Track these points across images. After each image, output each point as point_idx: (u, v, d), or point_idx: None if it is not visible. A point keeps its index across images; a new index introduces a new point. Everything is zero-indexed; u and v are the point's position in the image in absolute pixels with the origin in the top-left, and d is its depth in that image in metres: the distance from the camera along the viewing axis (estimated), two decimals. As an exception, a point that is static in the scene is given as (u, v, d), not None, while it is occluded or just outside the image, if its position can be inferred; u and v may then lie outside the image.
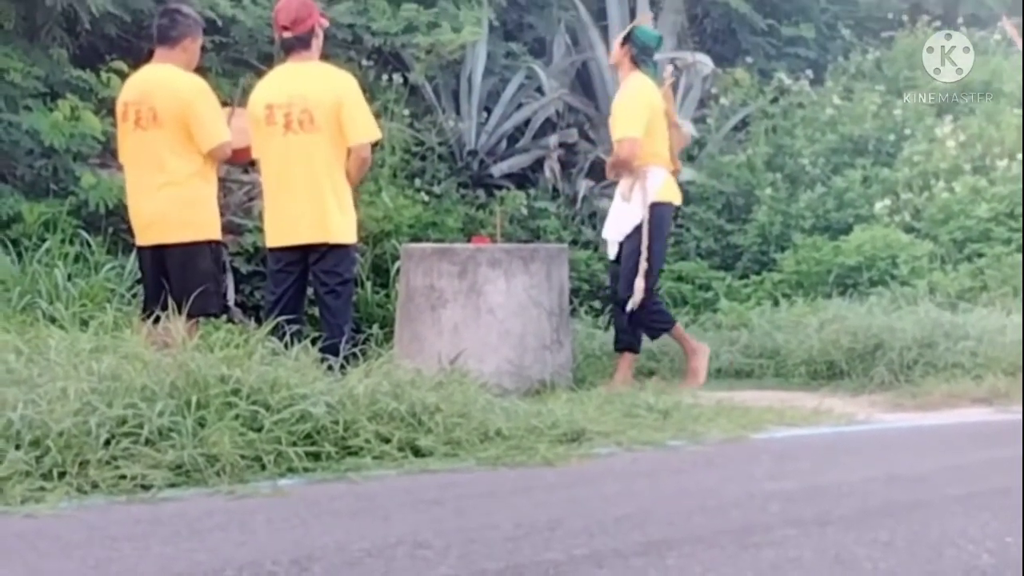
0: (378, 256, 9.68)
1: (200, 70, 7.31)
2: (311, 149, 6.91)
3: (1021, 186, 10.24)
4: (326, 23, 7.29)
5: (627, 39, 8.20)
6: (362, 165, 7.11)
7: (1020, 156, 10.62)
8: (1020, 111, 11.23)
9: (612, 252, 8.29)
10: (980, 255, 10.03)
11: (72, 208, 8.96)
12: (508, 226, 10.35)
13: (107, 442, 5.12)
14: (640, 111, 8.02)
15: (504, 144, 11.71)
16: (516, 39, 12.34)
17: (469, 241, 8.98)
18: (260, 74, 8.12)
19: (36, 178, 9.23)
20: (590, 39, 12.22)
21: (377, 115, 8.27)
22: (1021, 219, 9.96)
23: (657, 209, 8.05)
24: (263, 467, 5.30)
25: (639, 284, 7.93)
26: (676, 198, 8.34)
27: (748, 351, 8.90)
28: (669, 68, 8.54)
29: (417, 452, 5.67)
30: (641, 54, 8.18)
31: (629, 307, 7.97)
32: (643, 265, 7.93)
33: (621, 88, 8.25)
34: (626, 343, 8.20)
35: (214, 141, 6.97)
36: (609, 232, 8.30)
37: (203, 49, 7.35)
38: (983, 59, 12.24)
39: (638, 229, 8.01)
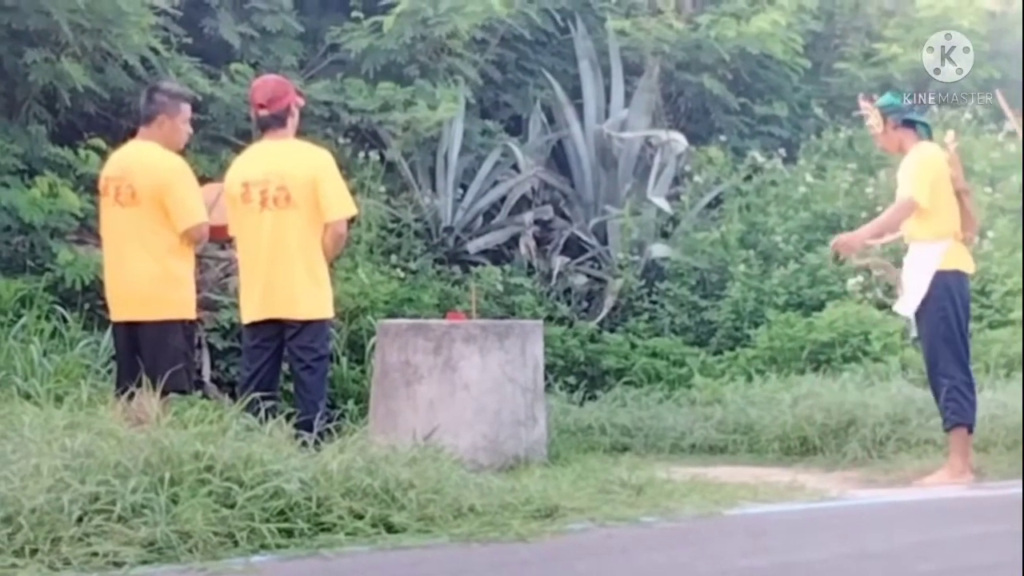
0: (354, 332, 9.70)
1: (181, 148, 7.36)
2: (287, 226, 6.94)
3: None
4: (302, 101, 7.35)
5: (884, 119, 7.72)
6: (338, 241, 7.15)
7: (991, 234, 10.74)
8: (990, 190, 11.37)
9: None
10: (952, 331, 10.08)
11: (49, 284, 8.97)
12: (483, 302, 10.39)
13: (79, 519, 5.10)
14: (928, 177, 7.54)
15: (480, 221, 11.79)
16: (492, 117, 12.46)
17: (444, 317, 9.01)
18: (238, 150, 8.18)
19: (13, 254, 9.25)
20: (565, 117, 12.35)
21: (354, 192, 8.33)
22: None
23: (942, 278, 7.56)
24: (236, 544, 5.28)
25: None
26: (965, 266, 7.74)
27: (722, 427, 8.93)
28: (951, 132, 8.10)
29: (390, 528, 5.65)
30: (901, 113, 7.70)
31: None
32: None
33: (905, 159, 7.68)
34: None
35: (190, 221, 7.00)
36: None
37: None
38: (954, 138, 12.38)
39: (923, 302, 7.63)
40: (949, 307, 7.52)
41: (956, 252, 7.63)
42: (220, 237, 7.55)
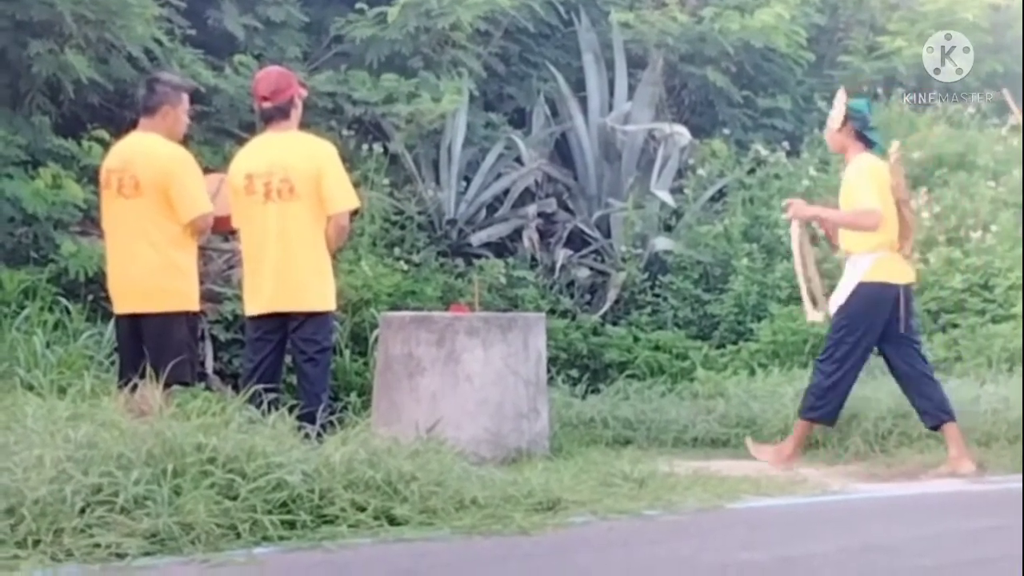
0: (357, 324, 9.70)
1: (181, 138, 7.37)
2: (291, 218, 6.94)
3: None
4: (305, 93, 7.35)
5: (845, 119, 7.83)
6: (341, 233, 7.15)
7: (994, 228, 10.74)
8: (994, 184, 11.36)
9: None
10: (954, 326, 10.11)
11: (52, 276, 8.98)
12: (486, 295, 10.39)
13: (82, 510, 5.12)
14: (871, 187, 7.69)
15: (483, 213, 11.78)
16: (496, 110, 12.45)
17: (447, 310, 9.01)
18: (242, 142, 8.19)
19: (17, 245, 9.25)
20: (569, 110, 12.34)
21: (357, 184, 8.34)
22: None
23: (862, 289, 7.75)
24: (238, 536, 5.29)
25: None
26: (894, 277, 7.81)
27: (724, 420, 8.92)
28: (896, 142, 8.23)
29: (392, 521, 5.67)
30: (863, 126, 7.87)
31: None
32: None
33: (849, 168, 7.87)
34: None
35: (194, 212, 7.00)
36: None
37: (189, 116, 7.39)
38: (957, 132, 12.39)
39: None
40: (860, 320, 7.73)
41: (887, 263, 7.77)
42: (223, 228, 7.56)
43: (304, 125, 7.36)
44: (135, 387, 6.44)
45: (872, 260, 7.74)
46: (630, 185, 12.02)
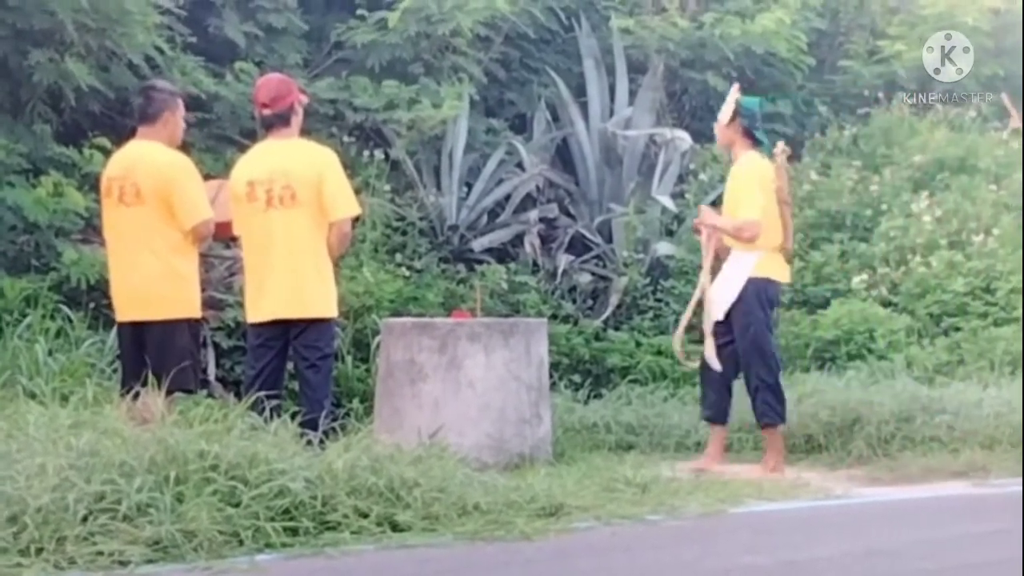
0: (358, 331, 9.70)
1: (182, 145, 7.37)
2: (292, 225, 6.95)
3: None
4: (305, 100, 7.36)
5: (735, 115, 7.98)
6: (343, 240, 7.16)
7: (996, 231, 10.74)
8: (995, 187, 11.36)
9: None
10: (957, 329, 10.10)
11: (53, 284, 8.98)
12: (488, 300, 10.39)
13: (85, 518, 5.12)
14: (757, 192, 7.86)
15: (484, 219, 11.78)
16: (497, 115, 12.45)
17: (449, 316, 9.02)
18: (243, 149, 8.19)
19: (18, 253, 9.26)
20: (570, 115, 12.34)
21: (358, 190, 8.35)
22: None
23: (752, 284, 7.88)
24: (241, 543, 5.30)
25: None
26: (776, 275, 8.05)
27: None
28: (781, 143, 8.34)
29: (395, 527, 5.67)
30: (752, 124, 8.00)
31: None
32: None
33: (736, 166, 8.04)
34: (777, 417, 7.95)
35: (196, 218, 7.00)
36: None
37: (185, 124, 7.39)
38: (959, 135, 12.39)
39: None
40: (758, 312, 7.86)
41: (770, 261, 7.97)
42: (224, 234, 7.56)
43: (305, 132, 7.37)
44: (137, 395, 6.44)
45: (757, 257, 7.91)
46: (631, 190, 12.02)
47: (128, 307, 7.09)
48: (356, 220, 7.63)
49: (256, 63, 10.79)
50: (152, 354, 6.93)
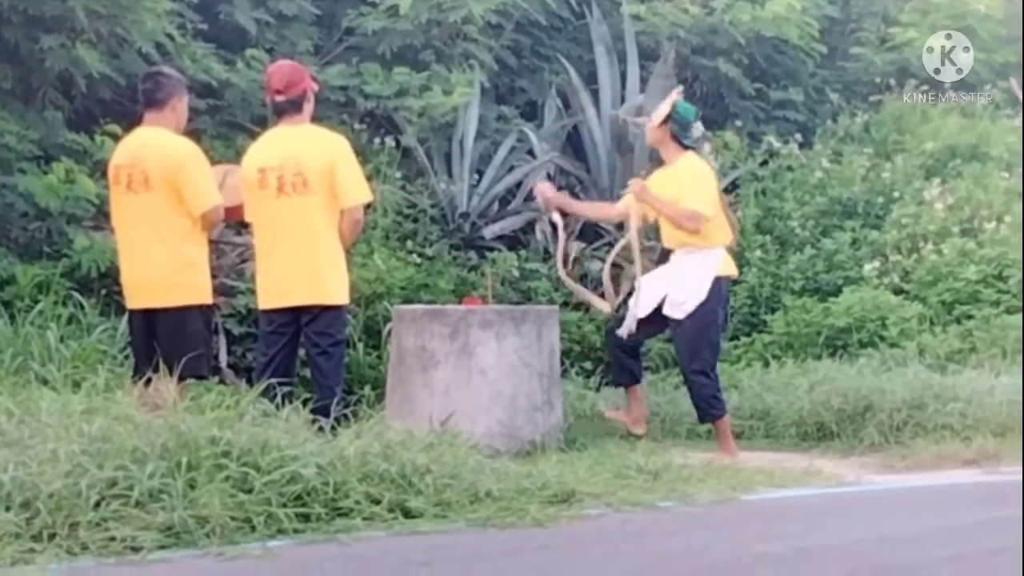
0: (370, 318, 9.70)
1: (193, 133, 7.38)
2: (304, 212, 6.95)
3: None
4: (317, 87, 7.35)
5: (668, 117, 8.03)
6: (355, 227, 7.15)
7: (1008, 219, 10.71)
8: (1007, 175, 11.33)
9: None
10: (969, 317, 10.08)
11: (65, 270, 8.99)
12: (499, 288, 10.38)
13: (97, 504, 5.13)
14: (711, 191, 7.98)
15: (496, 206, 11.77)
16: (508, 103, 12.44)
17: (460, 303, 9.01)
18: (254, 136, 8.18)
19: (30, 240, 9.27)
20: (581, 103, 12.32)
21: (369, 178, 8.33)
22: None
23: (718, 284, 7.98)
24: (253, 529, 5.31)
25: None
26: (731, 271, 8.26)
27: (738, 412, 8.90)
28: (708, 145, 8.46)
29: (407, 513, 5.67)
30: (683, 131, 8.08)
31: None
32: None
33: (679, 166, 8.07)
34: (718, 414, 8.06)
35: (205, 204, 7.00)
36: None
37: (196, 111, 7.38)
38: (970, 123, 12.36)
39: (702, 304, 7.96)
40: (719, 310, 8.01)
41: (727, 259, 8.12)
42: (234, 218, 7.56)
43: (316, 119, 7.36)
44: (149, 381, 6.44)
45: (721, 255, 8.01)
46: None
47: (138, 295, 7.09)
48: (368, 207, 7.62)
49: (267, 50, 10.78)
50: (163, 341, 6.94)
